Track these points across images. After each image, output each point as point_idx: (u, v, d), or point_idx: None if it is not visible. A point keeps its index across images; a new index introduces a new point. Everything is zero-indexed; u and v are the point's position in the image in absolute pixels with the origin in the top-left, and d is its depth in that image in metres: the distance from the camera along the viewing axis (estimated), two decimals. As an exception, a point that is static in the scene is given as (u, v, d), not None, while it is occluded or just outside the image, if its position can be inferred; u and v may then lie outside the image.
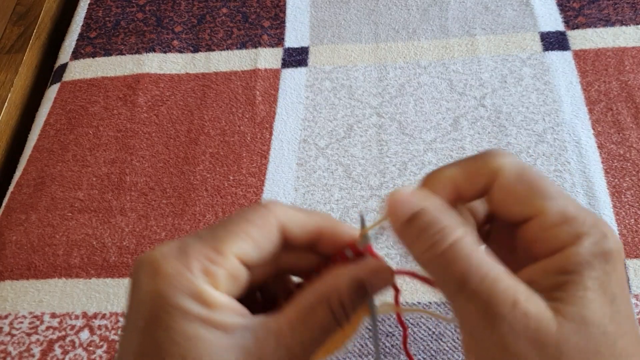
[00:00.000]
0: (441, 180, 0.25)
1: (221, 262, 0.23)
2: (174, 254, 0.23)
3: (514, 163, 0.24)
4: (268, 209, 0.25)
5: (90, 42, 0.85)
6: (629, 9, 0.78)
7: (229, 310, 0.23)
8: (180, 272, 0.22)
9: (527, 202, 0.24)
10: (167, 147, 0.72)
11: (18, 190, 0.71)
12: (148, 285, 0.23)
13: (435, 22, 0.80)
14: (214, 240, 0.24)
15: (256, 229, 0.24)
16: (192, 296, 0.22)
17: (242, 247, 0.24)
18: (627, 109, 0.69)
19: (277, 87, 0.76)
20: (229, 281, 0.23)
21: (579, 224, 0.23)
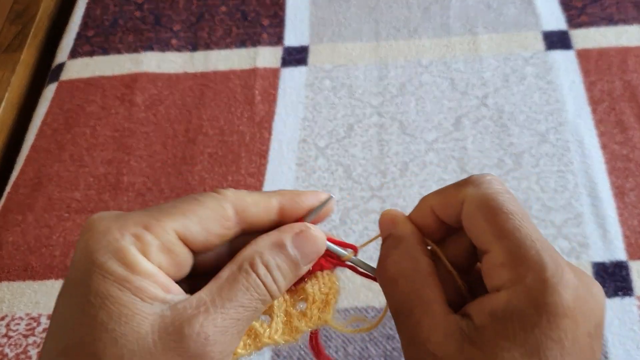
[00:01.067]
0: (422, 207, 0.27)
1: (157, 232, 0.23)
2: (112, 216, 0.23)
3: (479, 192, 0.25)
4: (221, 193, 0.25)
5: (88, 41, 0.84)
6: (632, 8, 0.77)
7: (153, 279, 0.22)
8: (109, 230, 0.22)
9: (482, 236, 0.24)
10: (164, 147, 0.71)
11: (15, 191, 0.70)
12: (80, 242, 0.23)
13: (436, 21, 0.79)
14: (157, 212, 0.23)
15: (206, 210, 0.24)
16: (114, 255, 0.22)
17: (184, 224, 0.23)
18: (631, 109, 0.68)
19: (276, 86, 0.75)
20: (162, 254, 0.23)
21: (521, 268, 0.22)
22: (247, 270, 0.24)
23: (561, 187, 0.63)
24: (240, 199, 0.25)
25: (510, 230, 0.23)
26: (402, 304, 0.24)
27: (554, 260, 0.22)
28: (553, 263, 0.22)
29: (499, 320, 0.22)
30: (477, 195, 0.24)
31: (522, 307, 0.21)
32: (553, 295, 0.21)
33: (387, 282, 0.25)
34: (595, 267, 0.57)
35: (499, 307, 0.22)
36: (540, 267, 0.22)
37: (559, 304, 0.21)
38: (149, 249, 0.22)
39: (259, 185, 0.67)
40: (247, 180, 0.67)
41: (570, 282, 0.22)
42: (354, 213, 0.63)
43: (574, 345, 0.22)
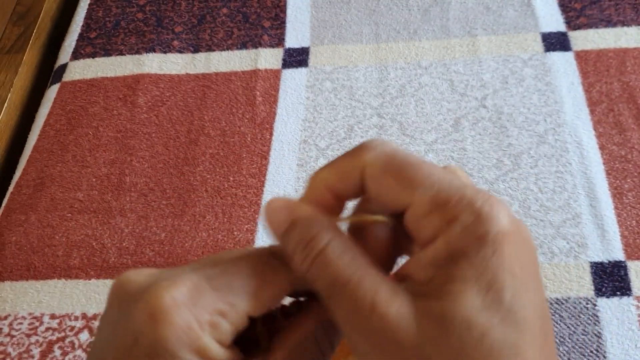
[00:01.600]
0: (316, 184, 0.25)
1: (232, 319, 0.22)
2: (187, 303, 0.22)
3: (380, 154, 0.23)
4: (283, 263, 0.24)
5: (90, 43, 0.84)
6: (630, 9, 0.77)
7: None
8: (190, 326, 0.21)
9: (396, 194, 0.23)
10: (167, 148, 0.72)
11: (18, 191, 0.70)
12: (150, 331, 0.21)
13: (436, 23, 0.80)
14: (231, 295, 0.23)
15: (271, 289, 0.24)
16: (195, 351, 0.21)
17: (255, 307, 0.23)
18: (629, 110, 0.69)
19: (277, 87, 0.75)
20: (232, 335, 0.23)
21: (450, 208, 0.21)
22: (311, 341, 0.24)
23: (559, 188, 0.63)
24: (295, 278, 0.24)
25: (424, 178, 0.22)
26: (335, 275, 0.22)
27: (477, 191, 0.21)
28: (478, 194, 0.21)
29: (443, 266, 0.21)
30: (379, 156, 0.23)
31: (464, 244, 0.20)
32: (491, 223, 0.20)
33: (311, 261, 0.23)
34: (593, 267, 0.58)
35: (439, 254, 0.21)
36: (469, 201, 0.21)
37: (499, 231, 0.20)
38: (223, 336, 0.22)
39: (261, 185, 0.67)
40: (249, 181, 0.68)
41: (501, 207, 0.21)
42: (354, 213, 0.64)
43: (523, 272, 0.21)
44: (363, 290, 0.21)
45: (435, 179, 0.22)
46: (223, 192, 0.67)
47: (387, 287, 0.21)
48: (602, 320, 0.54)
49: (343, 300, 0.22)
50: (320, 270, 0.22)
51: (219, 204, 0.66)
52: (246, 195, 0.66)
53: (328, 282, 0.22)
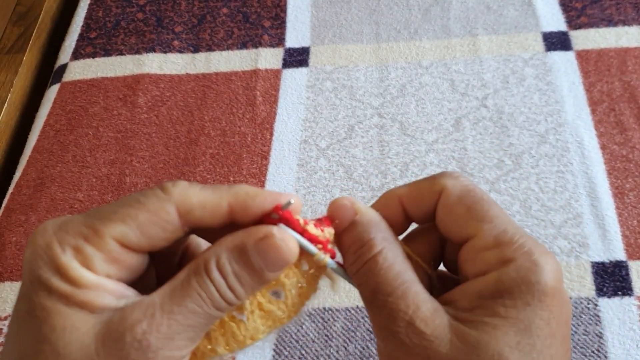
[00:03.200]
0: (390, 199, 0.26)
1: (96, 243, 0.22)
2: (54, 228, 0.23)
3: (459, 184, 0.25)
4: (167, 192, 0.24)
5: (91, 43, 0.84)
6: (631, 9, 0.77)
7: (100, 290, 0.22)
8: (50, 245, 0.22)
9: (465, 223, 0.24)
10: (167, 148, 0.72)
11: (18, 191, 0.70)
12: (25, 256, 0.23)
13: (436, 22, 0.79)
14: (96, 221, 0.23)
15: (145, 213, 0.23)
16: (56, 271, 0.22)
17: (124, 231, 0.23)
18: (630, 110, 0.68)
19: (277, 87, 0.75)
20: (107, 264, 0.22)
21: (510, 250, 0.23)
22: (200, 274, 0.23)
23: (561, 188, 0.63)
24: (186, 199, 0.24)
25: (494, 216, 0.24)
26: (381, 284, 0.23)
27: (536, 243, 0.23)
28: (537, 246, 0.23)
29: (489, 300, 0.22)
30: (458, 185, 0.25)
31: (514, 285, 0.22)
32: (543, 275, 0.22)
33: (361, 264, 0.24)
34: (594, 267, 0.57)
35: (488, 288, 0.22)
36: (528, 250, 0.23)
37: (548, 284, 0.22)
38: (91, 262, 0.22)
39: (261, 185, 0.67)
40: (249, 181, 0.67)
41: (554, 265, 0.22)
42: (354, 213, 0.63)
43: (558, 328, 0.22)
44: (405, 304, 0.22)
45: (503, 220, 0.24)
46: (223, 192, 0.67)
47: (429, 305, 0.22)
48: (604, 320, 0.54)
49: (383, 310, 0.23)
50: (368, 276, 0.23)
51: (220, 204, 0.66)
52: (246, 196, 0.66)
53: (372, 288, 0.23)
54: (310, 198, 0.65)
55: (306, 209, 0.65)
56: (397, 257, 0.24)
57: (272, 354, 0.55)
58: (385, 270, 0.23)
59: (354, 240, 0.24)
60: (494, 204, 0.25)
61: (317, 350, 0.54)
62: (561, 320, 0.22)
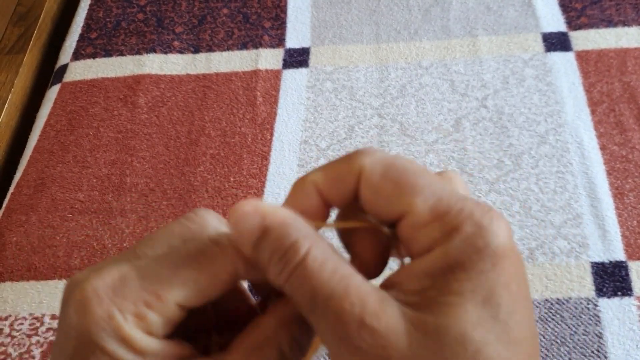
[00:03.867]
0: (305, 188, 0.23)
1: (159, 310, 0.21)
2: (108, 292, 0.21)
3: (378, 159, 0.22)
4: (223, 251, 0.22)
5: (91, 43, 0.84)
6: (631, 9, 0.77)
7: (160, 356, 0.21)
8: (112, 316, 0.21)
9: (394, 200, 0.21)
10: (167, 148, 0.72)
11: (18, 192, 0.70)
12: (76, 323, 0.21)
13: (436, 23, 0.80)
14: (156, 285, 0.21)
15: (206, 277, 0.22)
16: (120, 341, 0.21)
17: (186, 296, 0.21)
18: (630, 110, 0.68)
19: (278, 88, 0.75)
20: (164, 326, 0.22)
21: (451, 218, 0.20)
22: (272, 346, 0.22)
23: (560, 188, 0.63)
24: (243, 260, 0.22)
25: (425, 186, 0.21)
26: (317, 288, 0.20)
27: (478, 204, 0.21)
28: (479, 206, 0.21)
29: (439, 277, 0.20)
30: (378, 161, 0.22)
31: (463, 256, 0.20)
32: (492, 236, 0.20)
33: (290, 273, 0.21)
34: (594, 268, 0.57)
35: (436, 265, 0.20)
36: (470, 213, 0.20)
37: (498, 245, 0.20)
38: (151, 326, 0.21)
39: (261, 185, 0.67)
40: (249, 181, 0.68)
41: (501, 222, 0.20)
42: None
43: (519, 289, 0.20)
44: (349, 303, 0.20)
45: (435, 188, 0.21)
46: (224, 193, 0.67)
47: (375, 297, 0.20)
48: (603, 320, 0.54)
49: (327, 315, 0.20)
50: (300, 284, 0.21)
51: (220, 205, 0.66)
52: (247, 196, 0.66)
53: (309, 296, 0.20)
54: (310, 198, 0.65)
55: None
56: (326, 253, 0.21)
57: None
58: (318, 271, 0.20)
59: (273, 249, 0.21)
60: (422, 172, 0.22)
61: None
62: (519, 279, 0.20)
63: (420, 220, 0.21)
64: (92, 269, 0.22)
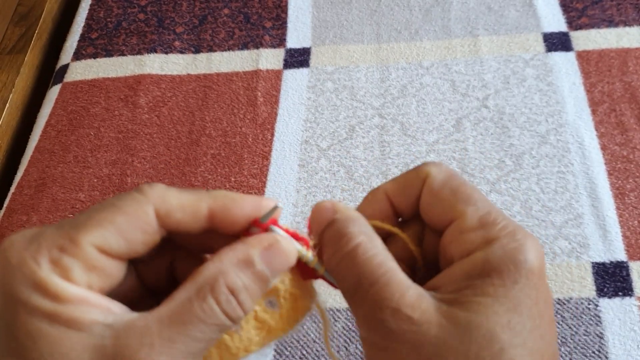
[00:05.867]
0: (377, 195, 0.26)
1: (74, 252, 0.21)
2: (24, 242, 0.21)
3: (442, 170, 0.25)
4: (144, 194, 0.23)
5: (92, 43, 0.85)
6: (632, 9, 0.77)
7: (85, 304, 0.20)
8: (24, 261, 0.20)
9: (449, 206, 0.24)
10: (168, 148, 0.72)
11: (19, 192, 0.70)
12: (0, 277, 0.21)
13: (437, 23, 0.80)
14: (71, 229, 0.21)
15: (124, 216, 0.22)
16: (35, 288, 0.20)
17: (103, 237, 0.21)
18: (631, 110, 0.68)
19: (278, 88, 0.75)
20: (87, 273, 0.21)
21: (494, 229, 0.23)
22: (205, 296, 0.21)
23: (561, 188, 0.63)
24: (165, 202, 0.23)
25: (478, 199, 0.24)
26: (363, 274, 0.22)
27: (519, 226, 0.23)
28: (519, 227, 0.23)
29: (476, 279, 0.22)
30: (441, 171, 0.25)
31: (501, 264, 0.22)
32: (529, 253, 0.22)
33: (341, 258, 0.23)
34: (595, 268, 0.57)
35: (475, 268, 0.22)
36: (513, 230, 0.23)
37: (535, 263, 0.22)
38: (71, 273, 0.20)
39: (262, 186, 0.67)
40: (250, 181, 0.68)
41: (538, 247, 0.23)
42: (355, 214, 0.64)
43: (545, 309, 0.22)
44: (389, 292, 0.22)
45: (487, 204, 0.24)
46: (224, 193, 0.67)
47: (414, 291, 0.22)
48: (604, 320, 0.54)
49: (366, 300, 0.22)
50: (348, 269, 0.23)
51: (221, 205, 0.66)
52: (247, 196, 0.66)
53: (354, 281, 0.23)
54: (311, 198, 0.65)
55: (307, 209, 0.65)
56: (377, 248, 0.23)
57: (273, 354, 0.55)
58: (367, 261, 0.23)
59: (331, 235, 0.24)
60: (476, 189, 0.25)
61: (318, 350, 0.54)
62: (547, 301, 0.22)
63: (468, 226, 0.23)
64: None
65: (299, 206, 0.65)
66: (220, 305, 0.21)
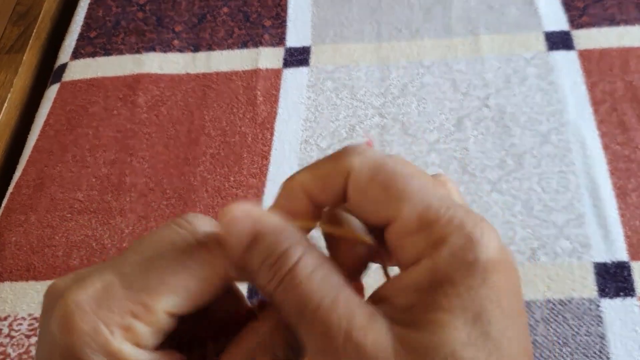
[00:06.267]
0: (292, 190, 0.22)
1: (148, 320, 0.20)
2: (92, 305, 0.20)
3: (367, 160, 0.21)
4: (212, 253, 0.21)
5: (90, 42, 0.84)
6: (633, 8, 0.77)
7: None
8: (97, 330, 0.19)
9: (381, 205, 0.21)
10: (167, 148, 0.71)
11: (17, 191, 0.70)
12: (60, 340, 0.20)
13: (438, 21, 0.79)
14: (143, 295, 0.20)
15: (196, 282, 0.21)
16: (107, 356, 0.19)
17: (175, 304, 0.20)
18: (632, 109, 0.68)
19: (278, 87, 0.75)
20: (154, 336, 0.20)
21: (438, 227, 0.19)
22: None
23: (563, 188, 0.63)
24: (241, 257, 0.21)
25: (414, 191, 0.20)
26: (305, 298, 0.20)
27: (468, 213, 0.20)
28: (469, 215, 0.20)
29: (427, 292, 0.19)
30: (366, 162, 0.21)
31: (451, 270, 0.19)
32: (481, 250, 0.19)
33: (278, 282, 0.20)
34: (596, 268, 0.57)
35: (424, 279, 0.19)
36: (459, 223, 0.19)
37: (488, 259, 0.19)
38: (140, 338, 0.20)
39: (261, 185, 0.67)
40: (249, 181, 0.67)
41: (492, 233, 0.19)
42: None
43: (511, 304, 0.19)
44: (337, 316, 0.19)
45: (425, 194, 0.20)
46: (224, 193, 0.67)
47: (363, 311, 0.19)
48: (606, 321, 0.54)
49: (314, 327, 0.19)
50: (289, 293, 0.20)
51: (220, 204, 0.66)
52: (247, 196, 0.66)
53: (297, 306, 0.20)
54: (311, 198, 0.65)
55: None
56: (317, 262, 0.20)
57: None
58: (307, 280, 0.20)
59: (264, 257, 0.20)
60: (413, 176, 0.21)
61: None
62: (511, 293, 0.20)
63: (407, 228, 0.20)
64: (75, 278, 0.21)
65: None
66: None
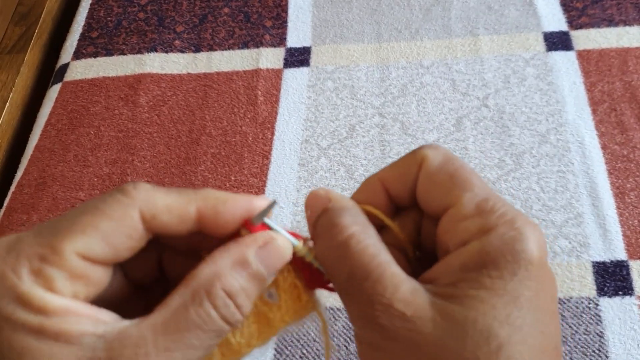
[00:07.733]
0: (371, 183, 0.25)
1: (57, 262, 0.20)
2: (1, 252, 0.20)
3: (439, 153, 0.24)
4: (128, 196, 0.21)
5: (92, 42, 0.85)
6: (632, 9, 0.77)
7: (72, 315, 0.19)
8: (4, 274, 0.19)
9: (446, 191, 0.23)
10: (168, 148, 0.72)
11: (19, 191, 0.70)
12: None
13: (438, 22, 0.79)
14: (52, 236, 0.20)
15: (108, 221, 0.21)
16: (18, 302, 0.19)
17: (86, 244, 0.20)
18: (631, 110, 0.68)
19: (279, 87, 0.75)
20: (71, 282, 0.20)
21: (492, 217, 0.21)
22: (201, 301, 0.20)
23: (562, 188, 0.63)
24: (151, 204, 0.21)
25: (475, 184, 0.22)
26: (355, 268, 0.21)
27: (519, 213, 0.21)
28: (521, 215, 0.21)
29: (472, 271, 0.20)
30: (438, 154, 0.23)
31: (499, 254, 0.20)
32: (528, 243, 0.20)
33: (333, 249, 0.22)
34: (595, 267, 0.57)
35: (470, 259, 0.20)
36: (511, 218, 0.21)
37: (534, 254, 0.20)
38: (55, 283, 0.19)
39: (262, 185, 0.67)
40: (250, 181, 0.68)
41: (538, 236, 0.21)
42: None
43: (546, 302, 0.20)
44: (383, 285, 0.21)
45: (486, 189, 0.22)
46: (224, 192, 0.67)
47: (407, 285, 0.21)
48: (604, 320, 0.54)
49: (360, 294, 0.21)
50: (340, 261, 0.22)
51: (221, 204, 0.66)
52: (248, 195, 0.66)
53: (346, 274, 0.21)
54: (311, 197, 0.65)
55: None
56: (371, 239, 0.22)
57: (273, 352, 0.55)
58: (359, 253, 0.21)
59: (324, 225, 0.23)
60: (475, 173, 0.23)
61: (319, 349, 0.54)
62: (548, 294, 0.21)
63: (464, 213, 0.22)
64: None
65: (299, 205, 0.65)
66: (218, 310, 0.20)
